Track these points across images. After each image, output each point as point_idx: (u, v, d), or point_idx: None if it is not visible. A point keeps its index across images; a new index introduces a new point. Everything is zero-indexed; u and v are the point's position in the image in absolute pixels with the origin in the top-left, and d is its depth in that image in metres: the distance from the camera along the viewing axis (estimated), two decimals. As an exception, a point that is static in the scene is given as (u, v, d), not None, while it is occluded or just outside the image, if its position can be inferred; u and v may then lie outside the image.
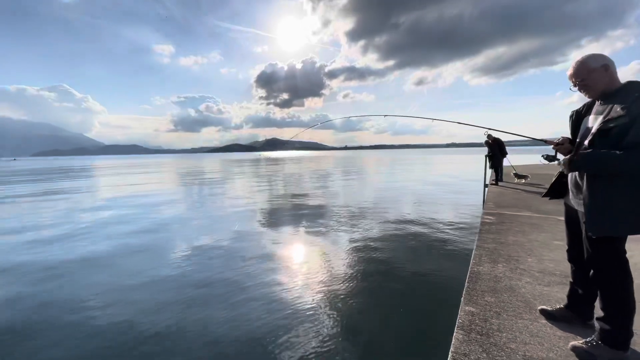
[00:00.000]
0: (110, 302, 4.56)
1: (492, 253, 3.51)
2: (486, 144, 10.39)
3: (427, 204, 12.05)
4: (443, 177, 23.09)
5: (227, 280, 5.25)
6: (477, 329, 2.08)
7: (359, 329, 3.84)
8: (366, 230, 8.35)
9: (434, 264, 5.84)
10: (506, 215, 5.40)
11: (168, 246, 7.30)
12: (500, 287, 2.67)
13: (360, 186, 19.21)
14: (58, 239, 7.94)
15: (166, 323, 3.97)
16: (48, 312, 4.33)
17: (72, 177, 30.95)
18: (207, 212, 11.31)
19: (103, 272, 5.76)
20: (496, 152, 10.33)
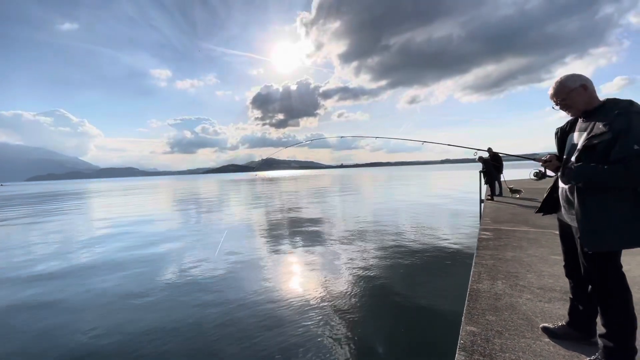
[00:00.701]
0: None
1: (491, 270, 3.49)
2: (479, 159, 10.51)
3: (423, 221, 12.03)
4: (438, 193, 23.20)
5: (223, 298, 5.12)
6: (479, 350, 2.04)
7: (358, 350, 3.73)
8: (363, 248, 8.27)
9: (432, 282, 5.77)
10: (503, 231, 5.40)
11: (159, 270, 7.14)
12: (501, 305, 2.64)
13: (356, 204, 19.19)
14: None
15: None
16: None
17: (51, 204, 30.55)
18: (202, 232, 11.17)
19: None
20: (490, 168, 10.44)
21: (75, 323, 4.71)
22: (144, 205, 23.44)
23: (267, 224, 12.89)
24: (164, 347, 3.95)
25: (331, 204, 19.82)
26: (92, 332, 4.40)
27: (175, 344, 4.00)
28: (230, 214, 16.46)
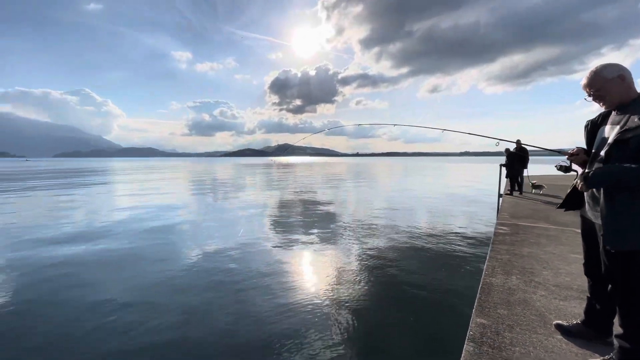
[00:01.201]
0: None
1: (505, 265, 3.43)
2: (506, 151, 10.03)
3: (438, 213, 11.88)
4: (455, 186, 22.74)
5: (237, 283, 5.29)
6: (488, 342, 2.03)
7: (367, 337, 3.80)
8: (376, 237, 8.28)
9: (444, 274, 5.73)
10: (521, 227, 5.27)
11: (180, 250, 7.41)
12: (514, 300, 2.61)
13: (372, 193, 19.11)
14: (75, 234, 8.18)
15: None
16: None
17: (84, 179, 31.85)
18: (222, 216, 11.46)
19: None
20: (514, 162, 9.92)
21: (96, 286, 4.99)
22: (168, 185, 24.16)
23: (284, 209, 13.07)
24: (183, 316, 4.15)
25: (347, 192, 19.82)
26: (110, 299, 4.65)
27: (194, 323, 4.19)
28: (251, 199, 16.75)
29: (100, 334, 3.83)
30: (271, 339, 3.68)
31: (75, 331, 3.89)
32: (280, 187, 22.41)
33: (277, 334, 3.80)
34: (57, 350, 3.53)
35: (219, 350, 3.51)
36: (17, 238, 8.21)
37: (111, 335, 3.79)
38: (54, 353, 3.49)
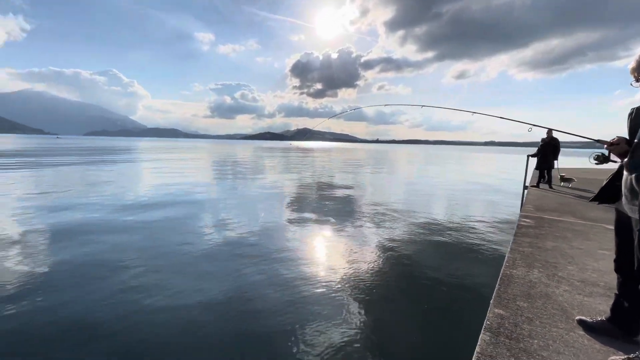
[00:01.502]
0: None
1: (527, 257, 3.33)
2: (543, 141, 9.35)
3: (458, 203, 11.63)
4: (479, 176, 22.08)
5: (259, 260, 5.45)
6: (505, 333, 2.00)
7: (380, 323, 3.84)
8: (394, 226, 8.24)
9: (461, 264, 5.66)
10: (546, 220, 5.07)
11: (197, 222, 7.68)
12: (535, 293, 2.54)
13: (391, 181, 18.90)
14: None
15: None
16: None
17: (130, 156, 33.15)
18: (245, 196, 11.73)
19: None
20: (548, 153, 9.30)
21: (132, 251, 5.29)
22: (196, 165, 24.90)
23: (302, 194, 13.18)
24: (200, 286, 4.34)
25: (366, 179, 19.70)
26: (134, 265, 4.92)
27: (213, 297, 4.38)
28: (269, 182, 16.99)
29: (132, 290, 4.08)
30: (276, 328, 3.67)
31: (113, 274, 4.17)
32: (299, 172, 22.56)
33: (284, 324, 3.87)
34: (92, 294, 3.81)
35: (235, 312, 3.66)
36: (67, 208, 8.77)
37: (138, 292, 4.04)
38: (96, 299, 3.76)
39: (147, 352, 3.21)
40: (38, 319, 3.66)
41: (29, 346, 3.25)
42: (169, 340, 3.38)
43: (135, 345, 3.29)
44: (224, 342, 3.38)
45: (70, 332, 3.47)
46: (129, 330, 3.50)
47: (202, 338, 3.43)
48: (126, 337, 3.40)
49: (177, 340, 3.38)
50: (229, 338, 3.44)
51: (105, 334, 3.43)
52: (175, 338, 3.41)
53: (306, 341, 3.38)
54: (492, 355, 1.80)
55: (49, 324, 3.57)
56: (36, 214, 8.22)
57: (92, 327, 3.56)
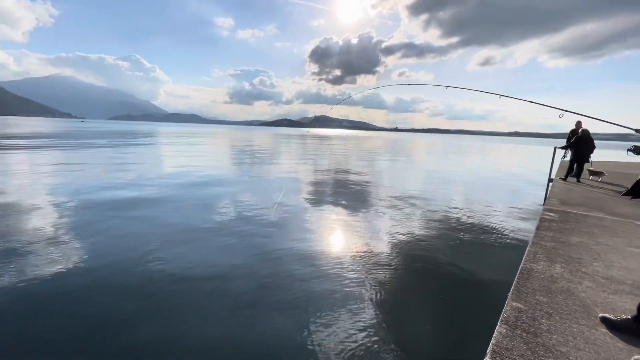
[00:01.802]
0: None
1: (549, 252, 3.23)
2: (583, 132, 8.63)
3: (479, 195, 11.34)
4: (501, 168, 21.38)
5: (274, 244, 5.56)
6: (523, 326, 1.97)
7: (393, 311, 3.85)
8: (410, 215, 8.15)
9: (478, 256, 5.56)
10: (572, 214, 4.87)
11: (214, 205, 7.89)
12: (556, 288, 2.47)
13: (409, 171, 18.62)
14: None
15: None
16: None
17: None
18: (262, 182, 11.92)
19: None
20: (580, 144, 8.58)
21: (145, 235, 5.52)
22: (213, 151, 25.42)
23: (319, 181, 13.22)
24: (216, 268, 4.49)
25: (383, 168, 19.49)
26: (153, 249, 5.13)
27: (228, 275, 4.52)
28: (286, 169, 17.11)
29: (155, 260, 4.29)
30: (289, 317, 3.64)
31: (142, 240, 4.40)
32: (316, 160, 22.56)
33: (296, 312, 3.91)
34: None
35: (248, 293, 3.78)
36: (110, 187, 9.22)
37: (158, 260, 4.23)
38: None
39: (173, 307, 3.50)
40: (81, 270, 3.92)
41: (81, 293, 3.92)
42: (186, 301, 3.55)
43: (159, 299, 3.81)
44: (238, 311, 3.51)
45: (107, 283, 4.14)
46: (156, 287, 3.96)
47: (216, 303, 3.56)
48: (153, 290, 3.96)
49: (195, 300, 3.55)
50: (243, 307, 3.56)
51: (135, 289, 4.04)
52: (194, 299, 3.57)
53: (317, 326, 3.44)
54: (508, 348, 1.78)
55: (91, 276, 3.84)
56: (80, 190, 8.68)
57: (124, 281, 4.18)
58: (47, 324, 3.29)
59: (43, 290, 3.87)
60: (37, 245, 5.14)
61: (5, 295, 3.75)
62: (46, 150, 20.22)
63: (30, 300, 3.69)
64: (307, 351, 3.04)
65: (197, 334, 3.21)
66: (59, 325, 3.29)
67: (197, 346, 3.06)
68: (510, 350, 1.75)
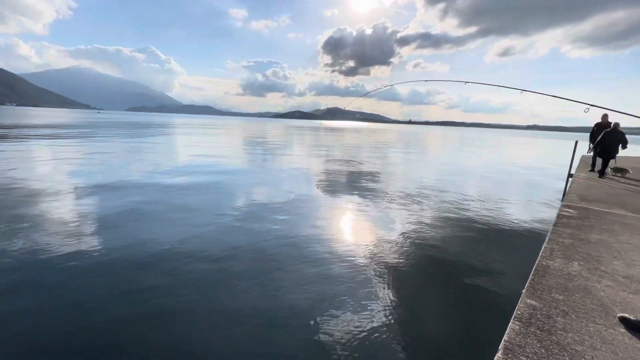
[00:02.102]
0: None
1: (567, 249, 3.14)
2: (615, 126, 8.17)
3: (492, 190, 11.09)
4: (518, 162, 20.81)
5: (286, 235, 5.62)
6: (537, 324, 1.93)
7: (403, 304, 3.85)
8: (423, 208, 8.06)
9: (492, 252, 5.46)
10: (592, 211, 4.71)
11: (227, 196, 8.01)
12: (573, 286, 2.41)
13: (421, 164, 18.36)
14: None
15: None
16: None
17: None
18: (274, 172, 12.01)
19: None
20: (607, 139, 8.24)
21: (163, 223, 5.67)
22: (229, 142, 25.70)
23: (330, 174, 13.20)
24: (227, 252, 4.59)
25: (395, 161, 19.28)
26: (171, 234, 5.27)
27: (240, 258, 4.60)
28: (298, 161, 17.15)
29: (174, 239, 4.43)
30: (298, 308, 3.69)
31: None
32: (329, 152, 22.50)
33: (306, 303, 3.97)
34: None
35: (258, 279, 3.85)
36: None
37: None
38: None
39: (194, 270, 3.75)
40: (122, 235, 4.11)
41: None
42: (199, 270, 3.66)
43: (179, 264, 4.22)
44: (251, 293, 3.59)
45: (138, 249, 4.77)
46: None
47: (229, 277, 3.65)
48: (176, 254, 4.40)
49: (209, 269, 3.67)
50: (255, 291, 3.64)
51: (164, 255, 4.72)
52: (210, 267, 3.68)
53: (326, 318, 3.48)
54: (520, 345, 1.75)
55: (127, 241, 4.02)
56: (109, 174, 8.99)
57: (155, 250, 4.86)
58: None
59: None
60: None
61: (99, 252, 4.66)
62: (91, 140, 20.90)
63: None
64: (317, 334, 3.09)
65: (227, 303, 3.64)
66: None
67: (226, 311, 3.49)
68: (523, 347, 1.73)
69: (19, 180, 8.87)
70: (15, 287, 3.77)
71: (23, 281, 3.89)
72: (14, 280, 3.89)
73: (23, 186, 8.29)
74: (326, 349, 2.98)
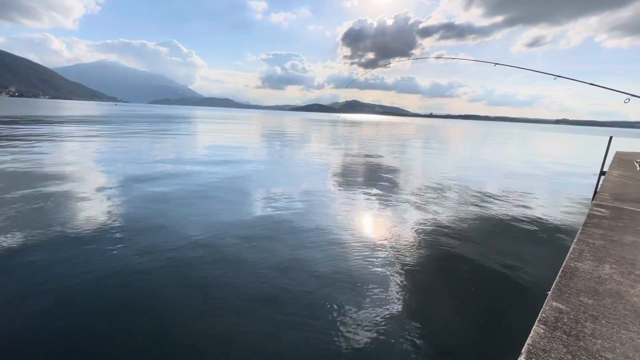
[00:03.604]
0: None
1: (598, 250, 2.98)
2: None
3: (518, 186, 10.68)
4: (545, 159, 19.92)
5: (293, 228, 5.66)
6: (563, 328, 1.84)
7: (420, 302, 3.80)
8: (443, 203, 7.89)
9: (514, 251, 5.28)
10: (626, 211, 4.44)
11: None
12: (603, 290, 2.28)
13: (441, 159, 17.92)
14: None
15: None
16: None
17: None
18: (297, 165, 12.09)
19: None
20: None
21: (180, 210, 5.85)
22: (249, 134, 26.10)
23: (348, 168, 13.13)
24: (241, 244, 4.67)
25: (415, 155, 18.93)
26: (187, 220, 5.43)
27: (255, 249, 4.68)
28: (316, 154, 17.17)
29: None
30: (314, 302, 3.72)
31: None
32: (347, 145, 22.37)
33: (320, 298, 4.00)
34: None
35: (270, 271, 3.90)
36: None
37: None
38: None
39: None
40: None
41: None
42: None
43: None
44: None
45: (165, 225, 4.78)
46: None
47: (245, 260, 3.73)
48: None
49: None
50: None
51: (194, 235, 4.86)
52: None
53: (340, 313, 3.48)
54: (545, 349, 1.68)
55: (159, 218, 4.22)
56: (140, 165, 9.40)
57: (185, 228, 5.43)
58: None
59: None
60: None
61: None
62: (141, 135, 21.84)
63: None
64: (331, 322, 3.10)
65: (252, 280, 3.94)
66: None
67: (251, 287, 3.77)
68: (548, 352, 1.65)
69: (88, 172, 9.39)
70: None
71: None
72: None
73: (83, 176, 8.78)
74: (341, 345, 2.99)
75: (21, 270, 3.91)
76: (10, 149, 12.75)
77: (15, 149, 12.80)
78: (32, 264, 4.05)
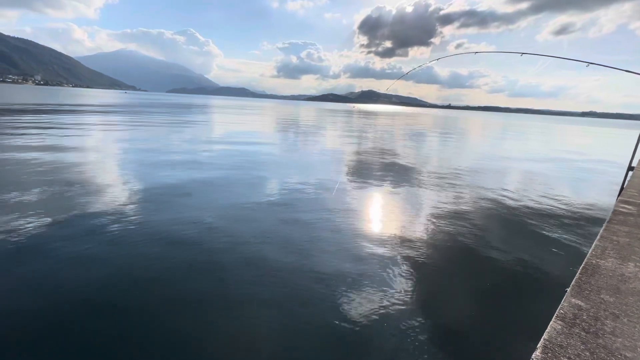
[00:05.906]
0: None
1: (622, 248, 2.87)
2: None
3: (539, 180, 10.35)
4: (568, 153, 19.16)
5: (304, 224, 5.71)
6: (582, 325, 1.81)
7: (434, 294, 3.79)
8: (460, 196, 7.76)
9: (532, 247, 5.16)
10: (655, 208, 4.24)
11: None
12: (626, 289, 2.21)
13: (460, 153, 17.53)
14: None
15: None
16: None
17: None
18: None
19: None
20: None
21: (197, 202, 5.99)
22: (266, 125, 26.33)
23: (365, 158, 13.06)
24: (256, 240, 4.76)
25: (433, 148, 18.59)
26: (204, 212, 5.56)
27: (270, 243, 4.76)
28: (329, 145, 17.14)
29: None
30: (325, 293, 3.72)
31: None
32: (362, 137, 22.19)
33: (341, 272, 4.04)
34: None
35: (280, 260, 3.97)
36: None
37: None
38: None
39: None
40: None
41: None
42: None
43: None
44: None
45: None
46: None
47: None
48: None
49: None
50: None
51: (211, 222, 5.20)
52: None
53: (352, 305, 3.51)
54: (562, 345, 1.65)
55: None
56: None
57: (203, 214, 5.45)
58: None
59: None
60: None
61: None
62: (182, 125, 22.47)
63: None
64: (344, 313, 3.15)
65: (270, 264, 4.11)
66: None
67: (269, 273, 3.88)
68: (565, 348, 1.63)
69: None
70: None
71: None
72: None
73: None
74: (355, 335, 3.03)
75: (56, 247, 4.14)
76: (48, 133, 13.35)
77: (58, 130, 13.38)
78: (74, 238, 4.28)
